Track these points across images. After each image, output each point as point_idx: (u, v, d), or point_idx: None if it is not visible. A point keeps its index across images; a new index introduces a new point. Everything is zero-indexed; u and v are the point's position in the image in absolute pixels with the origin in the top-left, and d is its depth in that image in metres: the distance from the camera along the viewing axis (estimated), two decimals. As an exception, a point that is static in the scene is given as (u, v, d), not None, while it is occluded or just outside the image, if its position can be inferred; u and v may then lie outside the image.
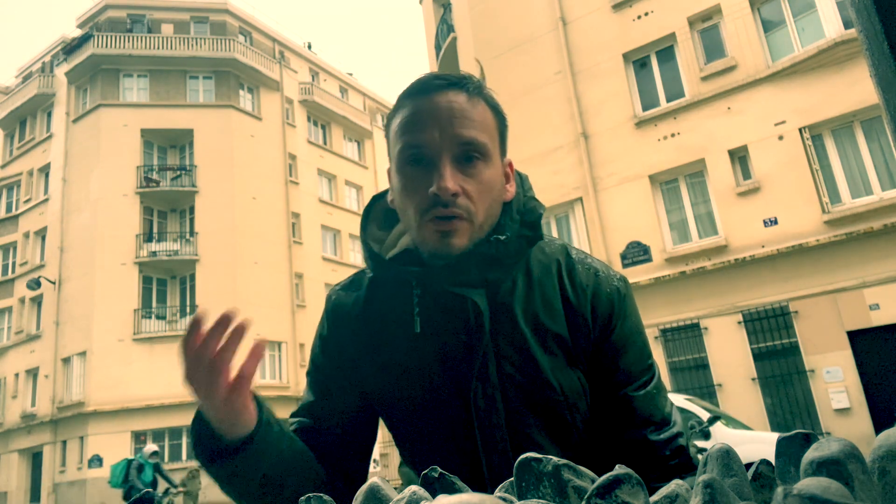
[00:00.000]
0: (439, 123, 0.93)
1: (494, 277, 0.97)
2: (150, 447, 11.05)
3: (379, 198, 1.11)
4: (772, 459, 0.54)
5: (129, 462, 10.62)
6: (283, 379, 23.67)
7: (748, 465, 0.52)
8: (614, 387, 1.00)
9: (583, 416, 1.01)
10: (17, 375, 23.64)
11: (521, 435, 0.98)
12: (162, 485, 10.97)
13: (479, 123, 0.95)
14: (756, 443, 6.88)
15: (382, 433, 1.20)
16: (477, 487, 0.60)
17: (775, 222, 11.02)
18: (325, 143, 29.76)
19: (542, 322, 0.98)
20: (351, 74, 34.75)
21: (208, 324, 0.83)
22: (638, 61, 13.29)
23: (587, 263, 1.04)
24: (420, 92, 0.96)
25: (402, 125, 0.96)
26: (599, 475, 0.48)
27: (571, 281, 1.01)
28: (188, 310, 22.40)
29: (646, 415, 0.98)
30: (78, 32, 26.16)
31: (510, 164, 1.04)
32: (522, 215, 1.01)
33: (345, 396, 1.06)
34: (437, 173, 0.91)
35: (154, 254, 22.42)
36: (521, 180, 1.07)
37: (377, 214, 1.09)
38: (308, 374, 1.12)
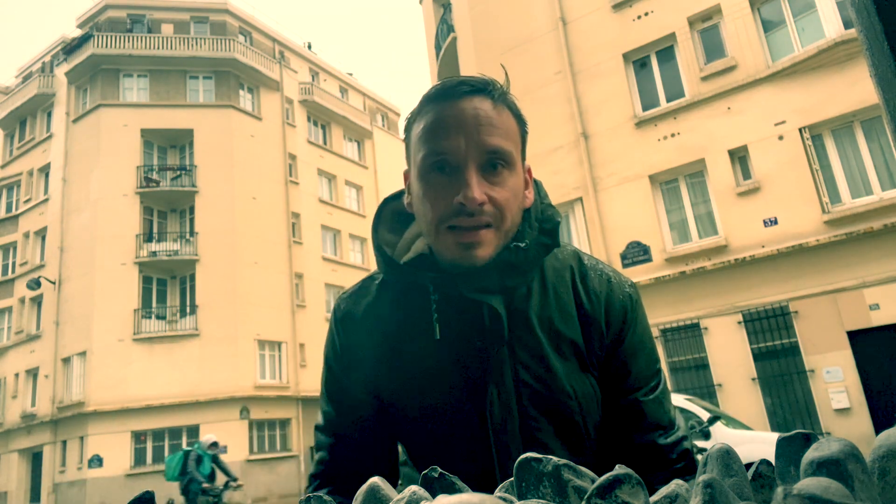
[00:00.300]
0: (465, 131, 0.92)
1: (512, 284, 0.97)
2: (209, 437, 10.24)
3: (389, 200, 1.10)
4: (772, 459, 0.54)
5: (187, 453, 9.64)
6: (283, 379, 23.66)
7: (748, 465, 0.52)
8: (624, 392, 1.01)
9: (595, 421, 1.02)
10: (17, 375, 23.62)
11: (534, 440, 0.98)
12: (220, 478, 10.18)
13: (504, 131, 0.94)
14: (756, 443, 6.88)
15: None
16: (489, 492, 0.60)
17: (775, 222, 11.02)
18: (325, 143, 29.75)
19: (557, 328, 0.99)
20: (351, 74, 34.72)
21: None
22: (638, 61, 13.29)
23: (599, 270, 1.05)
24: (445, 97, 0.95)
25: (426, 130, 0.95)
26: (600, 475, 0.48)
27: (585, 287, 1.02)
28: (188, 310, 22.38)
29: (654, 419, 1.00)
30: (78, 32, 26.15)
31: (529, 171, 1.04)
32: (541, 223, 1.01)
33: (365, 404, 1.07)
34: (464, 182, 0.90)
35: (154, 254, 22.41)
36: (538, 187, 1.07)
37: (387, 217, 1.08)
38: (324, 384, 1.12)
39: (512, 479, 0.53)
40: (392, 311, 1.05)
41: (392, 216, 1.08)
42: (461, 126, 0.92)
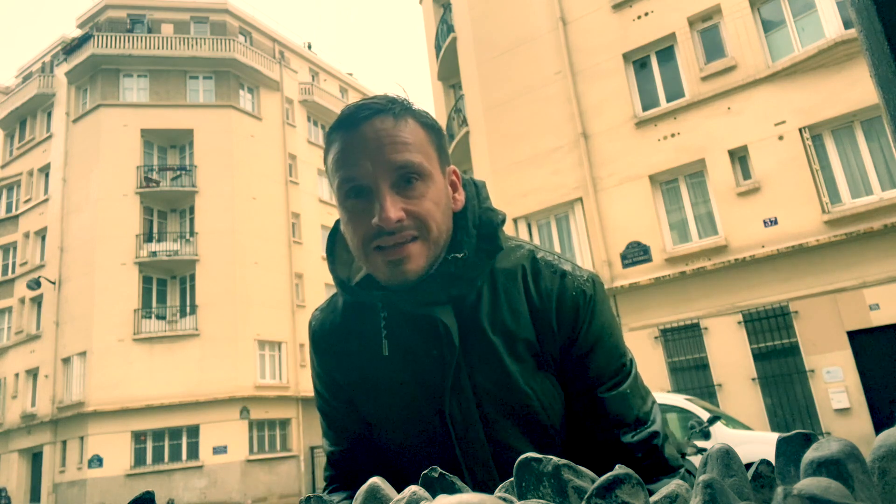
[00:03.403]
0: (371, 153, 0.92)
1: (458, 293, 0.97)
2: None
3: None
4: (772, 459, 0.54)
5: None
6: (283, 379, 23.66)
7: (748, 465, 0.52)
8: (585, 388, 1.00)
9: (560, 419, 1.01)
10: (17, 375, 23.62)
11: (501, 444, 0.99)
12: None
13: (411, 145, 0.94)
14: (756, 443, 6.87)
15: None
16: None
17: (775, 222, 11.01)
18: (325, 143, 29.74)
19: (511, 329, 0.98)
20: (351, 74, 34.73)
21: None
22: (638, 61, 13.28)
23: (554, 266, 1.03)
24: (347, 125, 0.95)
25: (335, 160, 0.96)
26: (599, 475, 0.48)
27: (536, 285, 1.01)
28: (188, 310, 22.38)
29: (618, 416, 0.98)
30: (78, 32, 26.14)
31: (455, 173, 1.04)
32: (479, 228, 1.00)
33: (349, 413, 1.10)
34: (378, 204, 0.91)
35: (154, 254, 22.41)
36: (477, 189, 1.06)
37: (343, 238, 1.08)
38: (315, 393, 1.16)
39: (512, 479, 0.53)
40: (353, 327, 1.07)
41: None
42: (366, 149, 0.93)
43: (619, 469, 0.47)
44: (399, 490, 0.55)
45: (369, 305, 1.03)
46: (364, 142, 0.93)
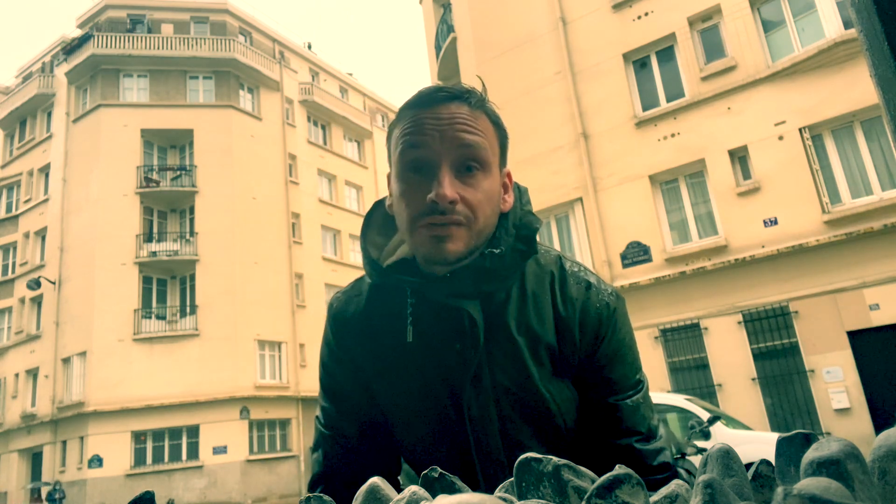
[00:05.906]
0: (441, 133, 0.94)
1: (489, 289, 0.99)
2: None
3: (381, 203, 1.12)
4: (772, 459, 0.54)
5: None
6: (283, 379, 23.65)
7: (748, 465, 0.52)
8: (600, 398, 1.02)
9: (574, 424, 1.03)
10: (17, 375, 23.61)
11: (514, 442, 1.00)
12: None
13: (480, 135, 0.96)
14: (756, 443, 6.87)
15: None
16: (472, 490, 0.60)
17: (775, 222, 11.01)
18: (325, 143, 29.74)
19: (536, 332, 1.00)
20: (351, 74, 34.72)
21: None
22: (638, 61, 13.28)
23: (579, 276, 1.05)
24: (424, 103, 0.97)
25: (404, 133, 0.97)
26: (599, 475, 0.48)
27: (563, 293, 1.03)
28: (188, 310, 22.38)
29: (631, 423, 1.00)
30: (78, 32, 26.14)
31: (509, 175, 1.05)
32: (518, 229, 1.02)
33: (360, 399, 1.09)
34: (437, 181, 0.92)
35: (154, 254, 22.40)
36: (520, 193, 1.08)
37: (377, 220, 1.10)
38: (321, 379, 1.15)
39: (512, 478, 0.53)
40: (378, 312, 1.07)
41: (383, 219, 1.10)
42: (437, 128, 0.94)
43: (619, 469, 0.46)
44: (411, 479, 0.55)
45: (396, 291, 1.03)
46: (437, 120, 0.95)
